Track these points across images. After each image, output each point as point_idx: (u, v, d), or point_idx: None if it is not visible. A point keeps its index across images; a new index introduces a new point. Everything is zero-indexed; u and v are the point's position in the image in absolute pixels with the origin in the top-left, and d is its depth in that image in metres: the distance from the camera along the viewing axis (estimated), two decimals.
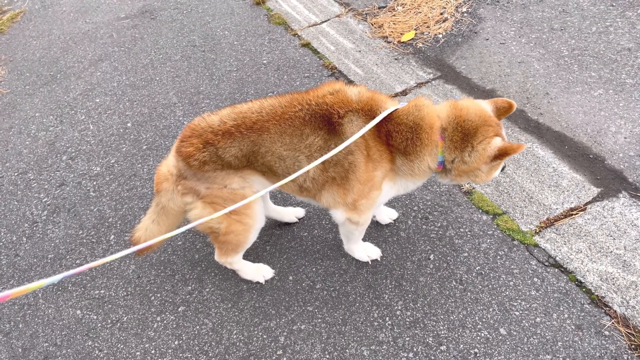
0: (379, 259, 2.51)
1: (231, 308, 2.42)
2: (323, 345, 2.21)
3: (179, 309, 2.46)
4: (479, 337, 2.15)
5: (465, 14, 4.15)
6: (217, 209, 1.97)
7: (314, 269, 2.53)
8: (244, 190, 2.05)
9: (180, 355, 2.27)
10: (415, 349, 2.15)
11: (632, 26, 3.59)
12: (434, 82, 3.59)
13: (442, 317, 2.25)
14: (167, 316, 2.44)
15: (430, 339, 2.18)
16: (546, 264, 2.37)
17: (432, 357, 2.11)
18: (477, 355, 2.09)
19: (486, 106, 1.98)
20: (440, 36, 4.00)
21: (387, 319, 2.27)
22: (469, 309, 2.26)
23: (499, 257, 2.43)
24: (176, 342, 2.33)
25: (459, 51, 3.82)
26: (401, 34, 4.11)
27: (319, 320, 2.31)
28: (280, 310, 2.37)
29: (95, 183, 3.28)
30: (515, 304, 2.24)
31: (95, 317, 2.50)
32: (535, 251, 2.43)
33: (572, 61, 3.46)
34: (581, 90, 3.23)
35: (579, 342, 2.08)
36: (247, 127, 1.92)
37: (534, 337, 2.12)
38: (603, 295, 2.22)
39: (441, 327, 2.21)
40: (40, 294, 2.65)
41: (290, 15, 4.71)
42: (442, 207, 2.72)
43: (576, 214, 2.55)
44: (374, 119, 1.87)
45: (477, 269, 2.41)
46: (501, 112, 1.99)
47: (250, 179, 2.05)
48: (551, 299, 2.24)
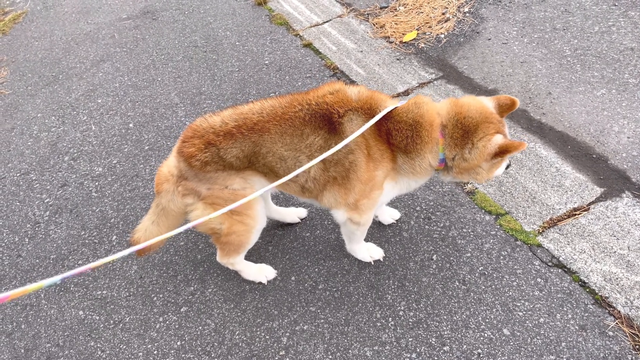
0: (382, 260, 2.50)
1: (234, 308, 2.42)
2: (326, 345, 2.21)
3: (182, 310, 2.46)
4: (482, 338, 2.14)
5: (467, 14, 4.14)
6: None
7: (316, 270, 2.52)
8: (245, 191, 2.04)
9: (183, 355, 2.27)
10: (418, 350, 2.14)
11: (635, 26, 3.58)
12: (436, 82, 3.58)
13: (445, 317, 2.24)
14: (170, 317, 2.44)
15: (434, 339, 2.17)
16: (549, 264, 2.37)
17: (435, 358, 2.10)
18: (481, 355, 2.09)
19: (488, 103, 1.97)
20: (442, 36, 4.00)
21: (390, 319, 2.27)
22: (472, 309, 2.25)
23: (502, 258, 2.43)
24: (179, 343, 2.32)
25: (461, 51, 3.81)
26: (403, 34, 4.10)
27: (322, 321, 2.30)
28: (282, 311, 2.37)
29: (97, 184, 3.28)
30: (519, 304, 2.24)
31: (98, 318, 2.49)
32: (538, 251, 2.42)
33: (574, 61, 3.45)
34: (584, 90, 3.22)
35: (583, 343, 2.07)
36: (248, 127, 1.92)
37: (538, 337, 2.11)
38: (607, 295, 2.21)
39: (444, 328, 2.20)
40: (43, 295, 2.65)
41: (292, 16, 4.71)
42: (444, 207, 2.72)
43: (579, 214, 2.54)
44: (373, 117, 1.87)
45: (480, 269, 2.40)
46: (504, 109, 1.97)
47: (251, 179, 2.05)
48: (555, 300, 2.23)
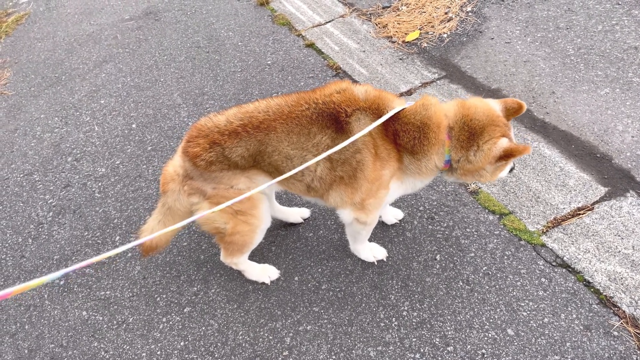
0: (385, 260, 2.50)
1: (237, 309, 2.42)
2: (329, 346, 2.21)
3: (185, 310, 2.45)
4: (486, 338, 2.14)
5: (470, 13, 4.14)
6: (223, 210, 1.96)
7: (319, 270, 2.52)
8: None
9: (186, 356, 2.27)
10: (422, 350, 2.14)
11: (639, 24, 3.56)
12: (439, 81, 3.58)
13: (449, 317, 2.23)
14: (173, 317, 2.44)
15: (437, 339, 2.16)
16: (554, 264, 2.36)
17: (439, 358, 2.10)
18: (485, 356, 2.08)
19: (495, 106, 1.96)
20: (445, 36, 3.99)
21: (394, 319, 2.26)
22: (476, 309, 2.25)
23: (505, 258, 2.42)
24: (182, 343, 2.32)
25: (463, 51, 3.80)
26: (406, 33, 4.10)
27: (325, 321, 2.30)
28: (286, 311, 2.37)
29: (100, 184, 3.28)
30: (523, 304, 2.23)
31: (101, 318, 2.49)
32: (542, 251, 2.41)
33: (578, 60, 3.44)
34: (587, 89, 3.21)
35: (588, 343, 2.06)
36: (254, 126, 1.91)
37: (542, 337, 2.11)
38: (611, 295, 2.20)
39: (448, 328, 2.20)
40: (46, 295, 2.65)
41: (294, 16, 4.71)
42: (448, 207, 2.71)
43: (583, 213, 2.53)
44: (381, 117, 1.86)
45: (484, 269, 2.39)
46: (510, 113, 1.97)
47: (257, 179, 2.05)
48: (559, 299, 2.22)
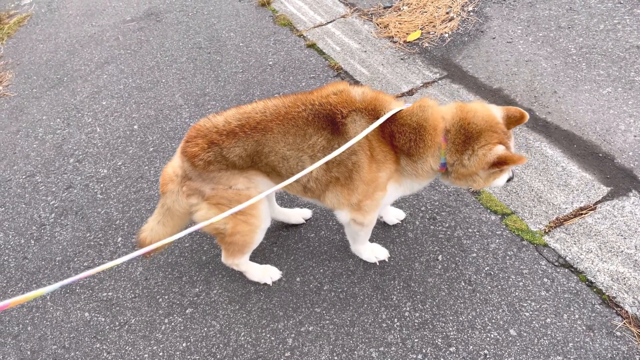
0: (387, 260, 2.49)
1: (239, 310, 2.42)
2: (331, 347, 2.20)
3: (187, 311, 2.46)
4: (488, 338, 2.13)
5: (472, 13, 4.13)
6: (223, 210, 1.96)
7: (321, 270, 2.52)
8: (249, 191, 2.04)
9: (188, 357, 2.27)
10: (424, 351, 2.13)
11: None
12: (440, 81, 3.57)
13: (451, 318, 2.23)
14: (175, 318, 2.44)
15: (439, 340, 2.16)
16: (556, 264, 2.35)
17: (442, 359, 2.09)
18: (487, 356, 2.07)
19: (497, 112, 1.92)
20: (447, 35, 3.98)
21: (396, 320, 2.26)
22: (478, 309, 2.24)
23: (508, 258, 2.41)
24: (184, 344, 2.32)
25: (465, 50, 3.80)
26: (407, 33, 4.09)
27: (327, 322, 2.30)
28: (288, 312, 2.36)
29: (102, 185, 3.29)
30: (525, 304, 2.22)
31: (103, 320, 2.50)
32: (544, 251, 2.41)
33: (580, 59, 3.43)
34: (589, 89, 3.20)
35: (590, 343, 2.06)
36: (251, 127, 1.92)
37: (545, 338, 2.10)
38: (614, 295, 2.19)
39: (450, 328, 2.19)
40: (49, 297, 2.65)
41: (296, 16, 4.71)
42: (450, 207, 2.70)
43: (586, 213, 2.52)
44: (377, 119, 1.86)
45: (486, 269, 2.39)
46: (512, 121, 1.92)
47: (255, 179, 2.05)
48: (561, 300, 2.21)
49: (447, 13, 4.18)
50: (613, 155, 2.77)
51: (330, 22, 4.51)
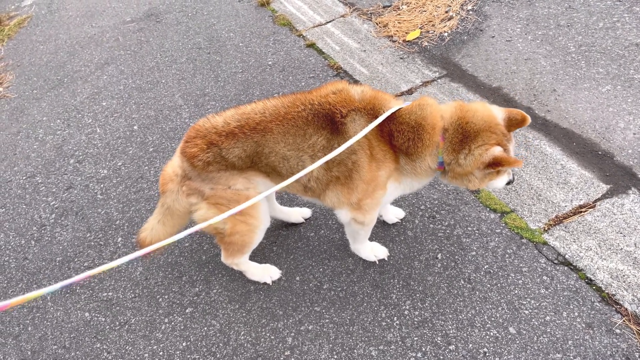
0: (386, 259, 2.50)
1: (239, 309, 2.42)
2: (331, 345, 2.21)
3: (187, 311, 2.46)
4: (488, 337, 2.13)
5: (471, 12, 4.13)
6: (222, 210, 1.97)
7: (321, 269, 2.52)
8: (249, 192, 2.04)
9: (189, 356, 2.27)
10: (423, 349, 2.13)
11: None
12: (439, 80, 3.57)
13: (450, 316, 2.23)
14: (175, 318, 2.44)
15: (439, 338, 2.16)
16: (555, 262, 2.35)
17: (441, 357, 2.10)
18: (487, 354, 2.07)
19: (498, 113, 1.90)
20: (446, 34, 3.98)
21: (395, 318, 2.26)
22: (477, 308, 2.24)
23: (507, 256, 2.41)
24: (184, 344, 2.33)
25: (464, 49, 3.80)
26: (406, 32, 4.09)
27: (327, 321, 2.30)
28: (287, 311, 2.37)
29: (102, 186, 3.30)
30: (525, 302, 2.22)
31: (104, 320, 2.50)
32: (544, 249, 2.41)
33: (579, 57, 3.43)
34: (589, 87, 3.20)
35: (590, 341, 2.06)
36: (251, 127, 1.92)
37: (544, 335, 2.10)
38: (614, 292, 2.19)
39: (450, 327, 2.19)
40: (49, 297, 2.66)
41: (295, 16, 4.71)
42: (449, 206, 2.70)
43: (585, 211, 2.52)
44: (376, 118, 1.86)
45: (485, 267, 2.39)
46: (513, 124, 1.90)
47: (254, 180, 2.05)
48: (561, 297, 2.21)
49: (446, 12, 4.18)
50: (612, 153, 2.77)
51: (330, 21, 4.52)
